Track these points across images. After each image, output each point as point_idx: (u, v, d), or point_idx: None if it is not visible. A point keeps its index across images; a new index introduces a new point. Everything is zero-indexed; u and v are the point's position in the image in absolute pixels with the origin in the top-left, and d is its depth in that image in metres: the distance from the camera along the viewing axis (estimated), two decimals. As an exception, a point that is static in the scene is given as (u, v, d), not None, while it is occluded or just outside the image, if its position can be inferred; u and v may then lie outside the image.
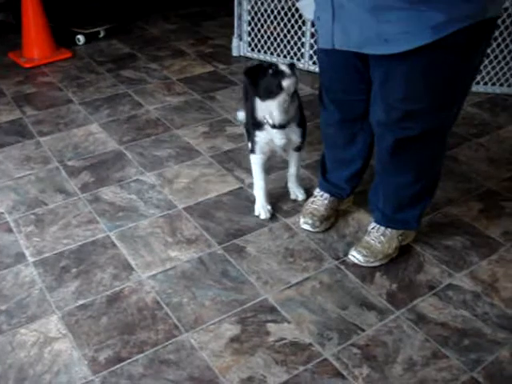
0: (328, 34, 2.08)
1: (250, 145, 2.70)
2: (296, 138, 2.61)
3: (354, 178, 2.64)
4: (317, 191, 2.70)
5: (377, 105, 2.18)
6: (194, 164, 3.12)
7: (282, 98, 2.41)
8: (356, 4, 1.92)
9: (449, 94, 2.07)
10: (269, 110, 2.48)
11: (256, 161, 2.67)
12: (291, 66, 2.39)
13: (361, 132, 2.44)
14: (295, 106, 2.54)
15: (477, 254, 2.52)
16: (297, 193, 2.84)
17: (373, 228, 2.49)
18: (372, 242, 2.45)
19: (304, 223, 2.63)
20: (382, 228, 2.46)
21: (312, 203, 2.67)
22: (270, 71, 2.38)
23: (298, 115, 2.59)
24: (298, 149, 2.71)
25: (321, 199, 2.66)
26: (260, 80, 2.42)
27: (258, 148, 2.62)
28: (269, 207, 2.73)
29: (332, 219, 2.67)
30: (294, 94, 2.49)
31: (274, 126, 2.52)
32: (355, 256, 2.44)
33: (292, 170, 2.81)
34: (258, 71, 2.44)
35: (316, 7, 2.13)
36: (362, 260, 2.43)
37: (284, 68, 2.37)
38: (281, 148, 2.65)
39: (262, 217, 2.70)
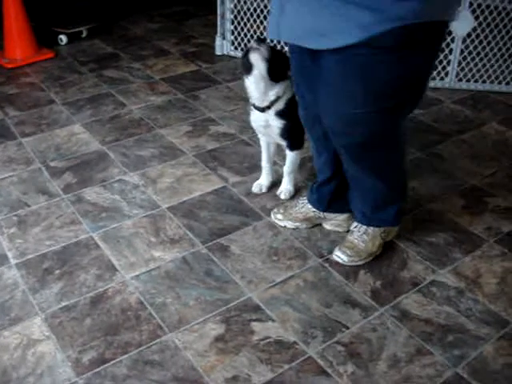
0: (274, 25, 2.11)
1: None
2: (275, 128, 2.62)
3: (324, 188, 2.56)
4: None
5: (323, 111, 2.17)
6: (178, 163, 3.11)
7: (255, 74, 2.44)
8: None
9: (391, 96, 2.04)
10: (249, 88, 2.54)
11: (260, 140, 2.81)
12: (259, 39, 2.43)
13: (322, 137, 2.36)
14: (276, 91, 2.52)
15: (460, 250, 2.53)
16: (282, 189, 2.84)
17: (355, 227, 2.49)
18: (355, 241, 2.45)
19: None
20: (364, 227, 2.46)
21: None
22: (249, 46, 2.45)
23: (283, 106, 2.57)
24: (288, 147, 2.71)
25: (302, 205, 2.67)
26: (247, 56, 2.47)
27: (253, 126, 2.74)
28: (264, 184, 2.88)
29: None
30: (283, 80, 2.51)
31: (254, 106, 2.60)
32: (340, 256, 2.44)
33: (285, 167, 2.80)
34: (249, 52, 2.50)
35: None
36: (346, 260, 2.43)
37: (252, 43, 2.43)
38: (264, 133, 2.71)
39: (252, 189, 2.86)
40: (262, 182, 2.88)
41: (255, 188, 2.86)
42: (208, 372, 1.99)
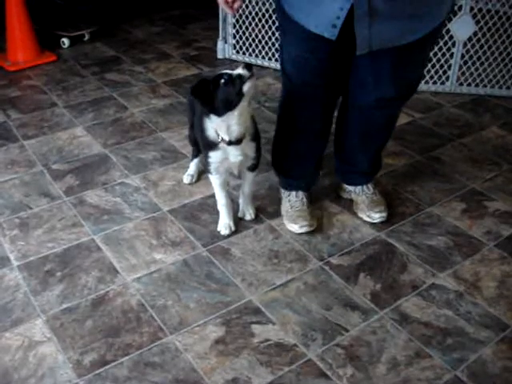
0: (364, 39, 2.18)
1: (204, 166, 2.66)
2: (251, 153, 2.48)
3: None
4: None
5: (384, 85, 2.37)
6: (179, 166, 3.13)
7: (243, 105, 2.26)
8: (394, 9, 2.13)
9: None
10: (227, 124, 2.30)
11: (215, 181, 2.56)
12: (248, 66, 2.22)
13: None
14: (250, 113, 2.42)
15: (460, 253, 2.54)
16: (245, 211, 2.73)
17: (363, 190, 2.77)
18: (376, 197, 2.75)
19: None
20: (369, 185, 2.77)
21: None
22: (223, 81, 2.21)
23: (253, 128, 2.45)
24: (253, 168, 2.57)
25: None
26: (214, 94, 2.23)
27: (213, 169, 2.50)
28: (231, 223, 2.65)
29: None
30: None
31: (230, 143, 2.37)
32: (380, 216, 2.71)
33: (245, 189, 2.67)
34: (205, 87, 2.24)
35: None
36: (384, 216, 2.71)
37: (241, 71, 2.21)
38: (236, 166, 2.51)
39: (222, 233, 2.63)
40: (228, 221, 2.66)
41: (224, 230, 2.63)
42: (208, 374, 2.00)
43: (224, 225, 2.65)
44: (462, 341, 2.13)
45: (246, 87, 2.21)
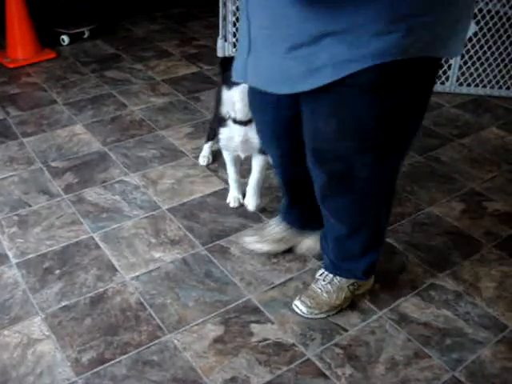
0: (241, 67, 1.90)
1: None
2: (255, 140, 2.47)
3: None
4: None
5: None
6: (179, 165, 3.12)
7: (243, 86, 2.26)
8: (265, 38, 1.74)
9: (367, 137, 1.79)
10: (232, 100, 2.41)
11: (226, 156, 2.72)
12: None
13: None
14: None
15: (459, 254, 2.54)
16: (250, 200, 2.73)
17: (320, 275, 2.26)
18: (318, 291, 2.23)
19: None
20: (330, 276, 2.23)
21: None
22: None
23: None
24: (263, 151, 2.55)
25: None
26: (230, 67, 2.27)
27: (222, 144, 2.65)
28: (240, 197, 2.81)
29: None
30: None
31: (235, 121, 2.48)
32: (298, 307, 2.23)
33: (252, 176, 2.70)
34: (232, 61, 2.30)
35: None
36: (305, 312, 2.22)
37: None
38: (240, 148, 2.59)
39: (231, 205, 2.79)
40: (236, 194, 2.82)
41: (233, 202, 2.80)
42: (207, 373, 2.00)
43: (233, 197, 2.80)
44: (460, 341, 2.13)
45: None
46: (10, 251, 2.53)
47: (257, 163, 2.67)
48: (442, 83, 3.94)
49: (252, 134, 2.47)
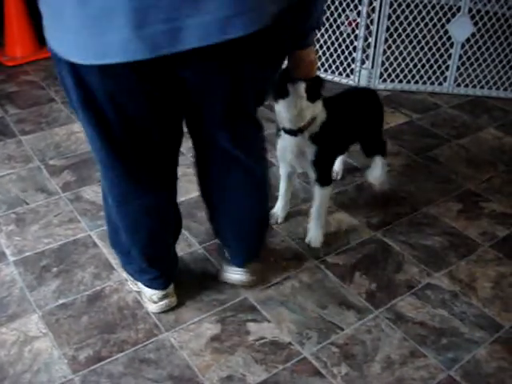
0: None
1: None
2: (309, 155, 2.36)
3: None
4: None
5: None
6: (176, 164, 3.12)
7: (289, 99, 2.19)
8: None
9: None
10: (278, 110, 2.28)
11: (280, 169, 2.60)
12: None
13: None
14: (312, 109, 2.26)
15: (455, 254, 2.55)
16: (310, 236, 2.59)
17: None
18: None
19: None
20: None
21: None
22: (282, 71, 2.09)
23: (318, 129, 2.32)
24: (318, 181, 2.45)
25: None
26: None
27: (278, 155, 2.50)
28: (280, 215, 2.69)
29: None
30: (318, 100, 2.26)
31: (285, 130, 2.34)
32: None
33: (313, 207, 2.54)
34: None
35: None
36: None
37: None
38: (295, 162, 2.46)
39: (272, 221, 2.65)
40: (275, 211, 2.70)
41: (272, 219, 2.65)
42: (203, 371, 2.00)
43: (272, 213, 2.68)
44: (456, 341, 2.14)
45: (290, 87, 2.15)
46: (8, 249, 2.53)
47: (316, 191, 2.51)
48: (440, 84, 3.95)
49: (304, 145, 2.35)
